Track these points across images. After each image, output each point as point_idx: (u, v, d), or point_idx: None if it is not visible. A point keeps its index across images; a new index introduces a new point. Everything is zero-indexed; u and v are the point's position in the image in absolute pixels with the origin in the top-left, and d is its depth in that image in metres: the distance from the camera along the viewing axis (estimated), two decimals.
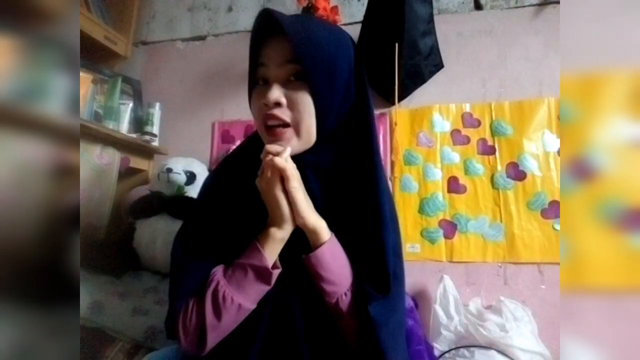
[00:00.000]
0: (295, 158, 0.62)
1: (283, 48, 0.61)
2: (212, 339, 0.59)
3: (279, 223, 0.60)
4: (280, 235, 0.60)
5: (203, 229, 0.66)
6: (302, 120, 0.60)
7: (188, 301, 0.61)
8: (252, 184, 0.62)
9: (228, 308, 0.58)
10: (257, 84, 0.64)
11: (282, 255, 0.62)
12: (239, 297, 0.59)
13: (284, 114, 0.60)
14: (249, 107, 0.67)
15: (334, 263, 0.60)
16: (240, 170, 0.69)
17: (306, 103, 0.60)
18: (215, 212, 0.67)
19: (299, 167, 0.61)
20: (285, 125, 0.60)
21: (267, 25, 0.62)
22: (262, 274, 0.59)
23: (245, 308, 0.59)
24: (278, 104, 0.60)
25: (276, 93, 0.60)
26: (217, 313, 0.58)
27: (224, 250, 0.64)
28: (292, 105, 0.60)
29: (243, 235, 0.63)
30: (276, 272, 0.60)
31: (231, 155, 0.77)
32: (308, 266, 0.60)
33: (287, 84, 0.61)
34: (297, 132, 0.61)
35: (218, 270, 0.62)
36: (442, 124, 1.38)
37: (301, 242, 0.61)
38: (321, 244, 0.60)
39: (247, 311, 0.60)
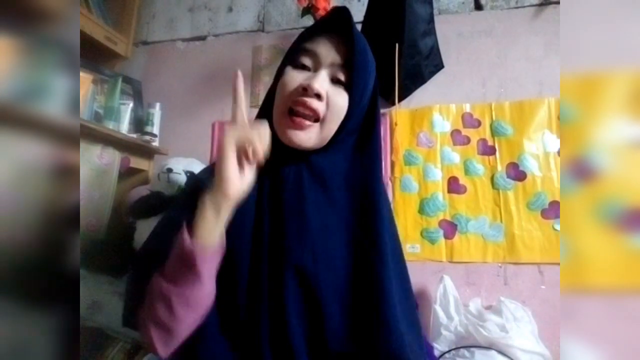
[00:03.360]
0: (301, 156, 0.62)
1: (341, 51, 0.61)
2: (158, 336, 0.51)
3: (216, 194, 0.52)
4: (211, 206, 0.51)
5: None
6: (332, 120, 0.61)
7: None
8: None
9: (155, 294, 0.51)
10: (293, 65, 0.63)
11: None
12: (162, 283, 0.51)
13: (320, 107, 0.59)
14: (250, 107, 0.67)
15: None
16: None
17: (343, 107, 0.61)
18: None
19: (305, 168, 0.61)
20: (315, 119, 0.60)
21: (337, 21, 0.62)
22: (183, 255, 0.50)
23: (167, 294, 0.50)
24: (318, 96, 0.59)
25: (324, 85, 0.59)
26: (149, 301, 0.52)
27: None
28: (330, 103, 0.60)
29: (235, 237, 0.60)
30: (201, 251, 0.50)
31: None
32: None
33: (330, 83, 0.61)
34: (322, 129, 0.61)
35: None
36: (442, 124, 1.38)
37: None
38: None
39: (177, 300, 0.50)
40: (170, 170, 1.23)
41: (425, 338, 1.05)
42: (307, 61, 0.62)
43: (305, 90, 0.58)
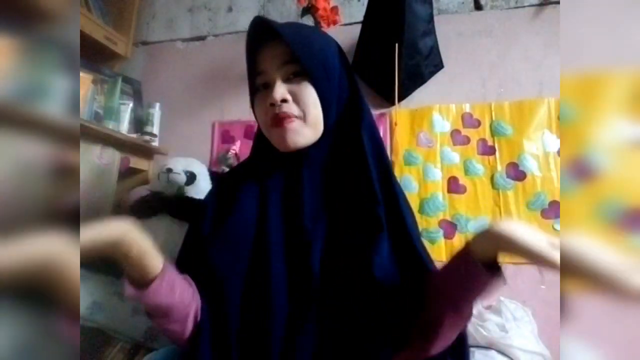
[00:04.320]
0: (300, 155, 0.64)
1: (279, 51, 0.63)
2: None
3: None
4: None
5: (200, 252, 0.66)
6: (309, 111, 0.63)
7: None
8: (255, 203, 0.65)
9: None
10: (257, 91, 0.66)
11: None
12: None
13: (292, 108, 0.62)
14: (249, 108, 0.70)
15: None
16: (242, 192, 0.68)
17: (310, 95, 0.62)
18: (215, 233, 0.66)
19: (303, 164, 0.64)
20: (296, 118, 0.62)
21: (261, 32, 0.64)
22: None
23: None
24: (284, 101, 0.62)
25: (280, 90, 0.62)
26: None
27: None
28: (297, 99, 0.62)
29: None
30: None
31: (230, 175, 0.79)
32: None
33: (288, 82, 0.63)
34: (306, 122, 0.63)
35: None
36: (442, 124, 1.38)
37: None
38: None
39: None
40: (170, 170, 1.23)
41: None
42: (261, 81, 0.65)
43: (272, 105, 0.62)
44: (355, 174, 0.65)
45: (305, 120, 0.63)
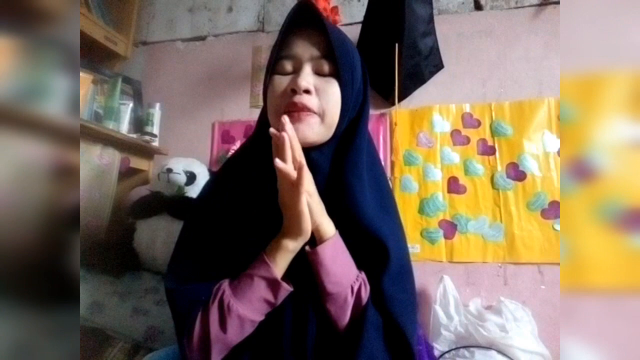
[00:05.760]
0: (308, 159, 0.61)
1: (316, 42, 0.60)
2: (217, 352, 0.56)
3: (294, 235, 0.56)
4: (292, 247, 0.56)
5: (204, 243, 0.64)
6: (329, 109, 0.60)
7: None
8: (256, 191, 0.63)
9: (233, 319, 0.55)
10: (278, 73, 0.62)
11: (298, 270, 0.59)
12: (244, 309, 0.56)
13: (311, 102, 0.59)
14: (249, 107, 0.68)
15: (337, 260, 0.58)
16: (242, 178, 0.67)
17: (335, 94, 0.60)
18: (216, 223, 0.65)
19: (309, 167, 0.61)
20: (311, 112, 0.59)
21: (301, 18, 0.61)
22: (271, 285, 0.56)
23: (248, 320, 0.56)
24: (307, 92, 0.58)
25: (308, 79, 0.58)
26: (222, 324, 0.55)
27: (229, 263, 0.61)
28: (321, 94, 0.59)
29: (248, 245, 0.61)
30: (285, 288, 0.56)
31: (228, 164, 0.75)
32: (312, 262, 0.57)
33: (316, 76, 0.60)
34: (323, 121, 0.60)
35: (225, 281, 0.59)
36: (442, 124, 1.38)
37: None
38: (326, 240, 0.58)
39: (251, 324, 0.57)
40: (170, 171, 1.23)
41: (425, 338, 1.05)
42: (288, 66, 0.61)
43: (294, 91, 0.58)
44: (348, 183, 0.63)
45: (324, 118, 0.60)
